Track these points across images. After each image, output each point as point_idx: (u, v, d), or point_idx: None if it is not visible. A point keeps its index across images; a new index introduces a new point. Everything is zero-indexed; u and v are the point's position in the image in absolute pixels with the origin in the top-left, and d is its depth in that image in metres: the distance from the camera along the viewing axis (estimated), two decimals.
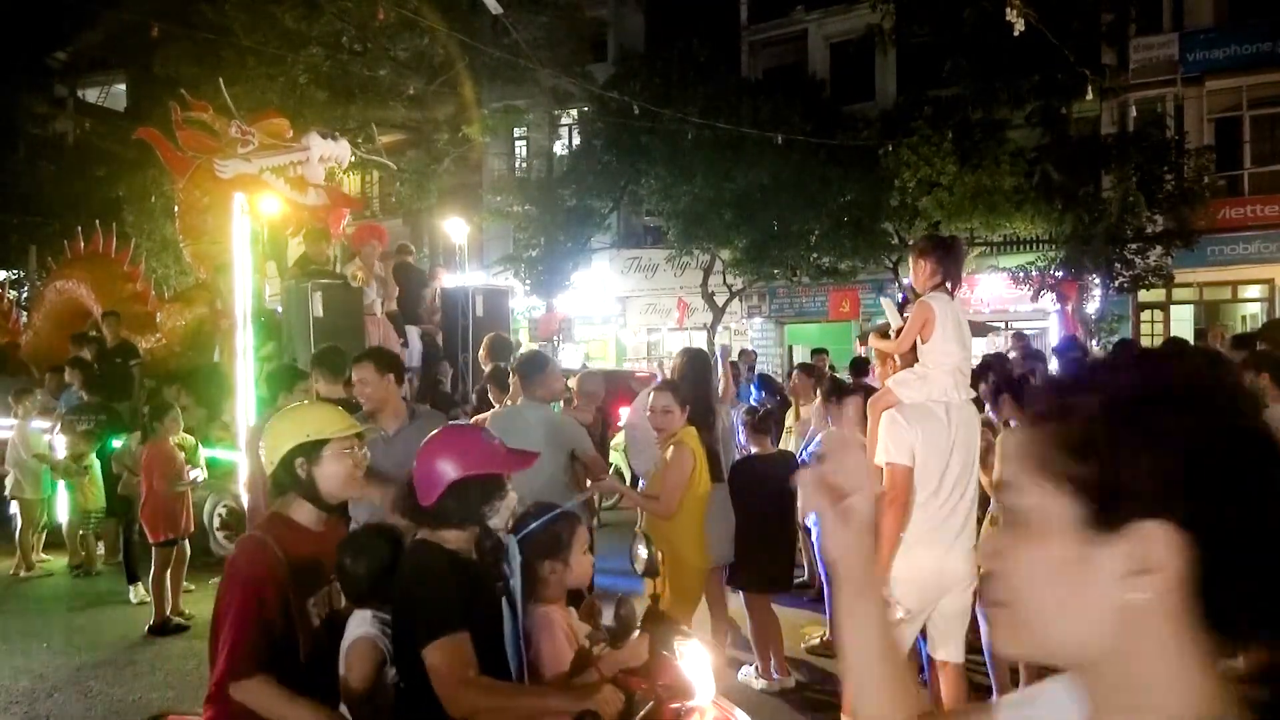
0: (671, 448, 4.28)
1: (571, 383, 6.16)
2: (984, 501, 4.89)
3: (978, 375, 5.44)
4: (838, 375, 8.43)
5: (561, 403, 5.82)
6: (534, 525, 2.56)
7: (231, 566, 2.50)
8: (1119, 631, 0.72)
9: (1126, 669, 0.73)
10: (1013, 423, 4.75)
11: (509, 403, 5.55)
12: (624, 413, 8.76)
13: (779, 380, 11.18)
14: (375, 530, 2.75)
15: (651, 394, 4.51)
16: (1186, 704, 0.70)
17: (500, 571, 2.47)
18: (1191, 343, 11.99)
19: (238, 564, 2.48)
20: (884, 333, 4.38)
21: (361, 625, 2.53)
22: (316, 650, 2.52)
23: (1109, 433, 0.71)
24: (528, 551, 2.50)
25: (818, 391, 6.44)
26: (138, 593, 7.31)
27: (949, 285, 3.91)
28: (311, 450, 2.54)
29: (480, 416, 5.89)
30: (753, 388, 9.36)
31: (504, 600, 2.42)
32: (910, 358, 3.91)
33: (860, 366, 8.13)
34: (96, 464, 8.21)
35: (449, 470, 2.37)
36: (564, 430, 4.65)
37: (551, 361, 5.30)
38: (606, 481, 4.80)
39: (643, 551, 3.52)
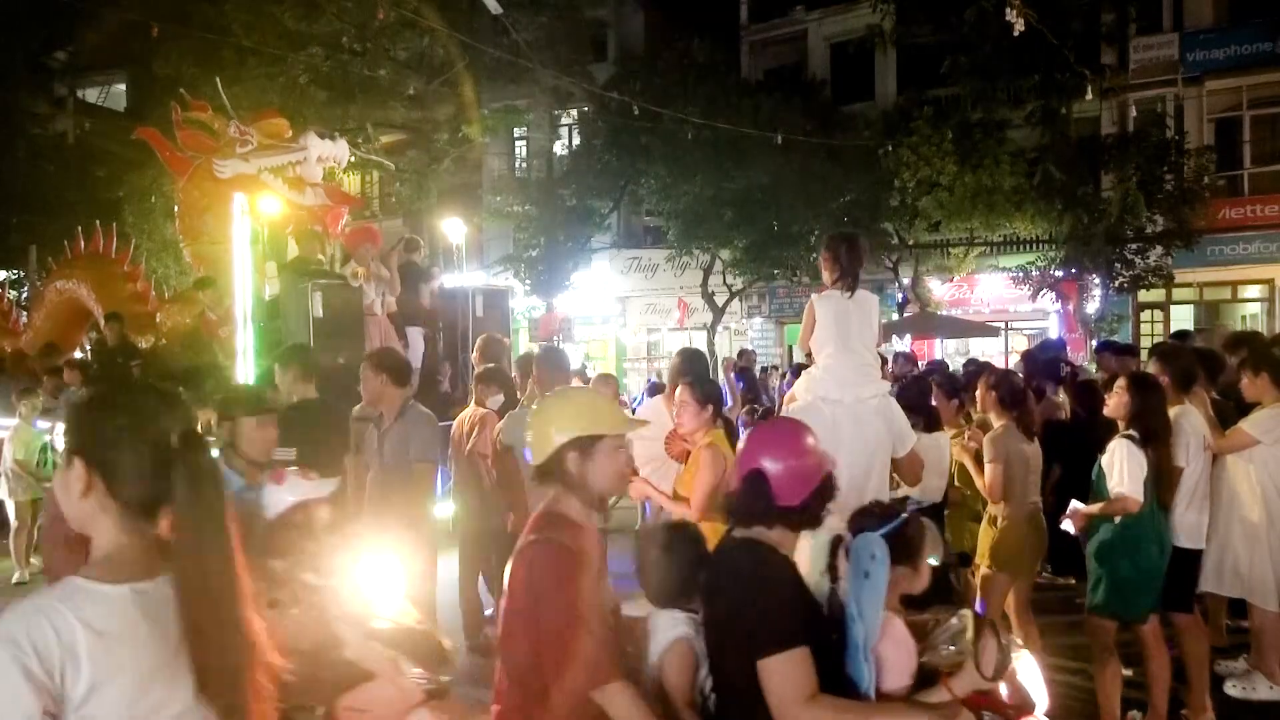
0: (704, 450, 4.13)
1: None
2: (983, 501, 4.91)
3: (973, 377, 5.45)
4: None
5: None
6: (887, 527, 2.39)
7: (537, 572, 2.26)
8: (87, 513, 1.50)
9: (94, 531, 1.51)
10: (995, 422, 4.75)
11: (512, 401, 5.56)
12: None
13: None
14: (679, 526, 2.65)
15: (679, 390, 4.42)
16: (110, 546, 1.49)
17: (834, 574, 2.34)
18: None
19: (545, 570, 2.25)
20: None
21: (676, 626, 2.39)
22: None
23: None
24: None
25: None
26: None
27: (849, 283, 3.94)
28: (588, 445, 2.35)
29: (469, 413, 5.90)
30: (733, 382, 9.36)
31: (849, 605, 2.26)
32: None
33: None
34: None
35: (817, 468, 2.25)
36: None
37: (568, 359, 5.31)
38: (636, 484, 4.77)
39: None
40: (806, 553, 2.39)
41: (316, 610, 3.10)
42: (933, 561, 2.56)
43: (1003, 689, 2.39)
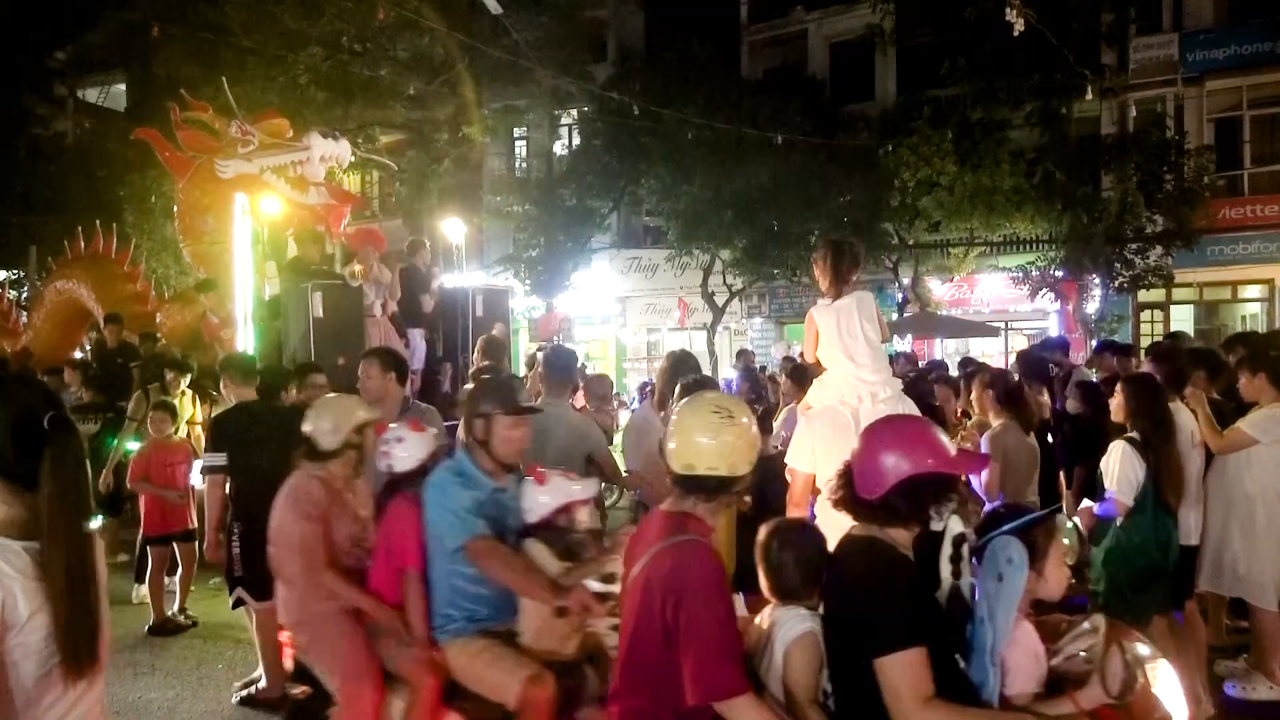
0: None
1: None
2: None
3: (968, 378, 5.47)
4: None
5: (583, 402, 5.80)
6: (1008, 527, 2.31)
7: (687, 575, 2.22)
8: None
9: None
10: (994, 422, 4.76)
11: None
12: (623, 416, 8.75)
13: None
14: (799, 523, 2.65)
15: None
16: (3, 514, 1.71)
17: (958, 574, 2.29)
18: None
19: (693, 572, 2.22)
20: None
21: (803, 621, 2.35)
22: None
23: None
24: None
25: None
26: (139, 593, 7.29)
27: (837, 288, 4.00)
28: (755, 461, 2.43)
29: None
30: (734, 379, 9.37)
31: (978, 607, 2.21)
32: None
33: None
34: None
35: (902, 464, 2.19)
36: (588, 432, 4.61)
37: (576, 358, 5.26)
38: (633, 478, 4.75)
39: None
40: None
41: (590, 620, 2.95)
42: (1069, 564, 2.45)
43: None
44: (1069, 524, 2.46)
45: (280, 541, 3.56)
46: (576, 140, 22.80)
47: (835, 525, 2.69)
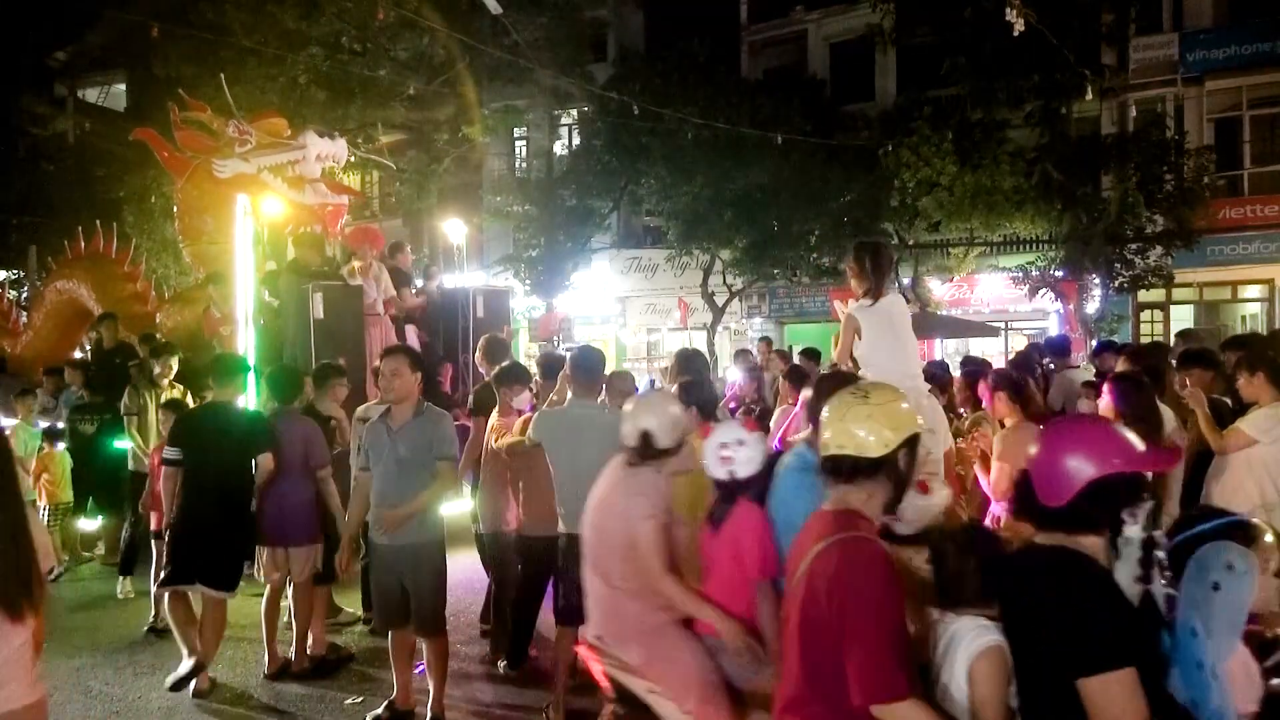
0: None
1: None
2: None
3: (971, 376, 5.47)
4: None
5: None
6: (1203, 527, 2.18)
7: (852, 572, 2.13)
8: None
9: None
10: (1008, 421, 4.75)
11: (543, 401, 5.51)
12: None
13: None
14: (980, 527, 2.52)
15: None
16: None
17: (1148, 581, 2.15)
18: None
19: (858, 569, 2.14)
20: None
21: (986, 632, 2.21)
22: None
23: None
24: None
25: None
26: (124, 587, 7.28)
27: (879, 290, 4.07)
28: (913, 442, 2.30)
29: (496, 421, 5.84)
30: (739, 379, 9.33)
31: (1186, 619, 2.07)
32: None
33: None
34: (67, 460, 8.32)
35: (1086, 467, 2.04)
36: (616, 432, 4.57)
37: (603, 359, 5.08)
38: None
39: None
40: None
41: None
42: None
43: None
44: (1269, 532, 2.25)
45: (612, 543, 3.25)
46: (576, 140, 22.80)
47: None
